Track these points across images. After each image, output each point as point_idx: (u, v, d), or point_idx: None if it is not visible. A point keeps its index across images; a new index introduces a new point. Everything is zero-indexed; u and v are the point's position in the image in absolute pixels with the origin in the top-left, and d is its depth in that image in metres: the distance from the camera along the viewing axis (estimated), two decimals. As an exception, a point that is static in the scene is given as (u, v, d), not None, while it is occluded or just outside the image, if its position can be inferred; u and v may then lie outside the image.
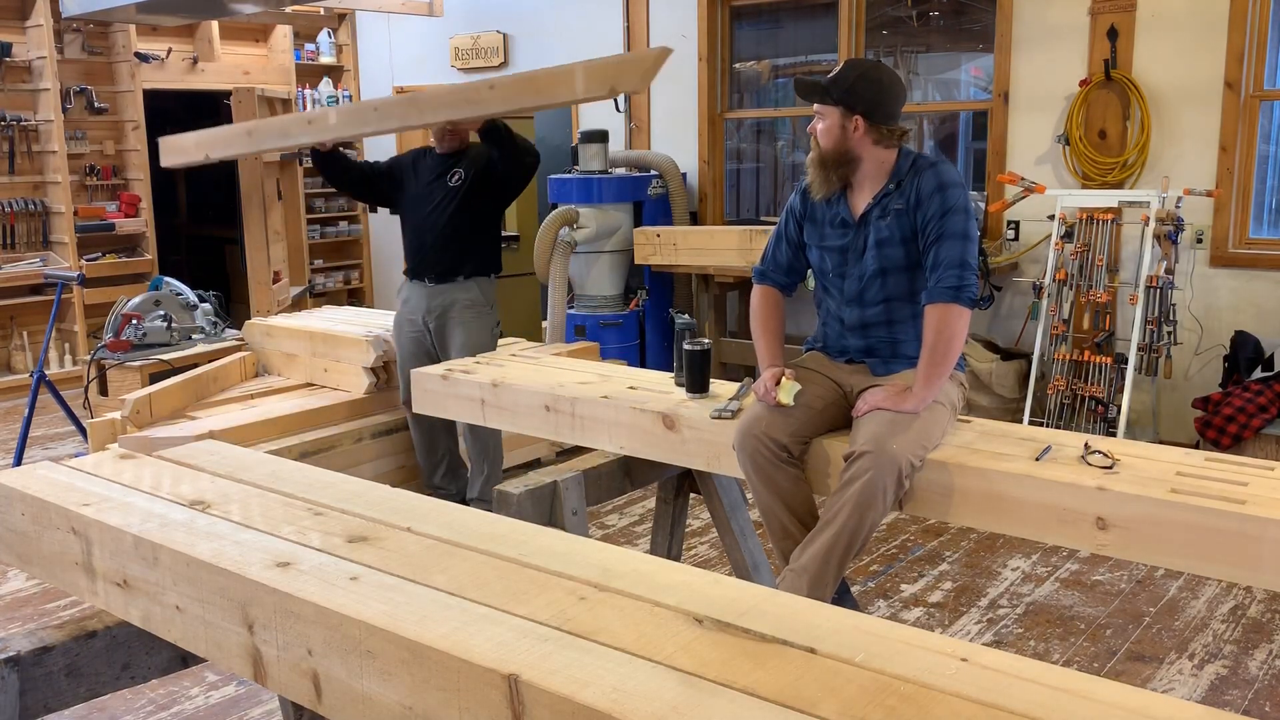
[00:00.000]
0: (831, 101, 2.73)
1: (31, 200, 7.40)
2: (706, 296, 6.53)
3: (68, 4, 6.52)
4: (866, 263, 2.76)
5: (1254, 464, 2.44)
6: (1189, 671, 3.33)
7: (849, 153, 2.74)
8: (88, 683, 2.07)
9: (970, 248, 2.65)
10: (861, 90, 2.71)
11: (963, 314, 2.62)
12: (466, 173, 4.19)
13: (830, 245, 2.83)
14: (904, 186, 2.72)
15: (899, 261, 2.73)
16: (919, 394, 2.59)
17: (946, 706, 1.35)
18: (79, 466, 2.40)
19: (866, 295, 2.77)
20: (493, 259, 4.31)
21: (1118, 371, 5.15)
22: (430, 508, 2.09)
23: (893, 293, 2.75)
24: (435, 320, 4.22)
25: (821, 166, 2.77)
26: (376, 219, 9.17)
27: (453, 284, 4.21)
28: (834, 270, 2.83)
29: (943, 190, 2.66)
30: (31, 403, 5.23)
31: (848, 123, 2.72)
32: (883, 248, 2.73)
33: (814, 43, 7.00)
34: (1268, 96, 5.19)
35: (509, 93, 3.16)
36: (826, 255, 2.85)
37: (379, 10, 7.90)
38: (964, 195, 2.69)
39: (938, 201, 2.65)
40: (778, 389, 2.68)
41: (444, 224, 4.19)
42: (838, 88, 2.73)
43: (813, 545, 2.55)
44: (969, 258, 2.64)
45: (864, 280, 2.77)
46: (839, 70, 2.76)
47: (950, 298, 2.61)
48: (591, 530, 4.25)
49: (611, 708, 1.34)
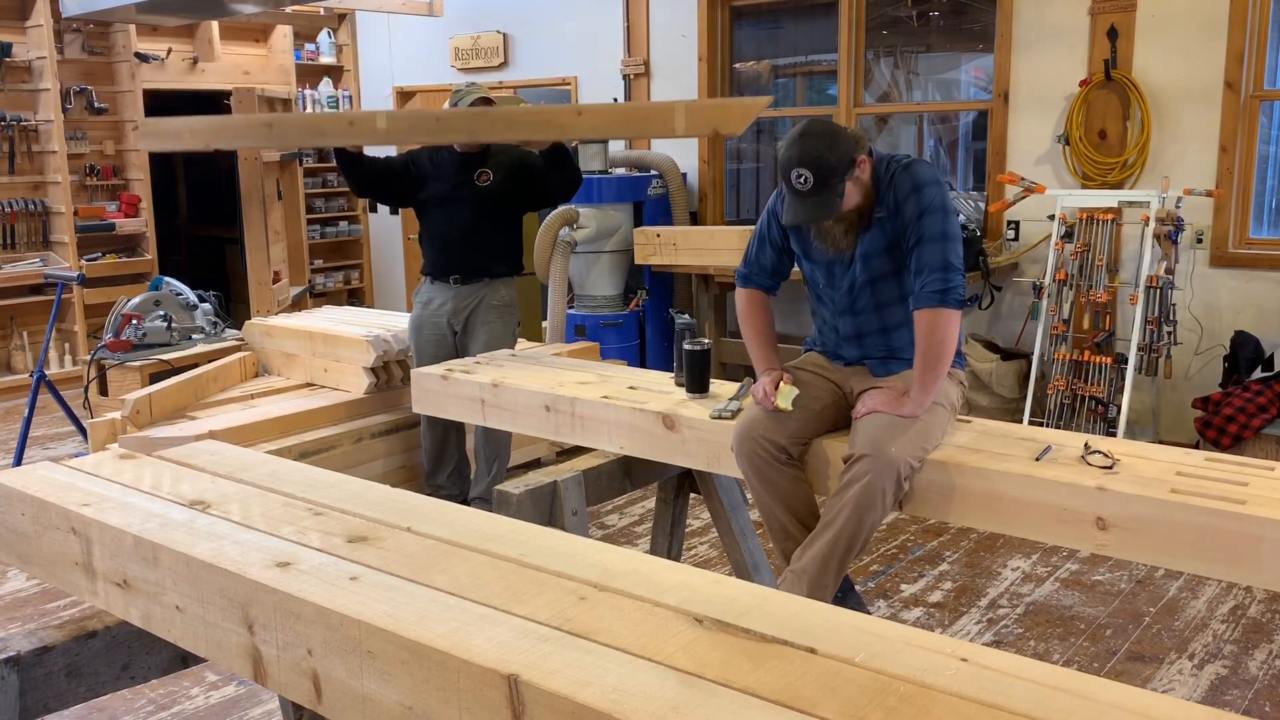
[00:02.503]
0: (840, 191, 2.59)
1: (31, 200, 7.40)
2: (706, 296, 6.53)
3: (68, 4, 6.52)
4: (855, 273, 2.73)
5: (1254, 464, 2.44)
6: (1189, 671, 3.33)
7: (868, 192, 2.66)
8: (88, 683, 2.07)
9: (952, 246, 2.58)
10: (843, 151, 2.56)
11: (952, 316, 2.57)
12: (496, 175, 4.18)
13: (817, 259, 2.81)
14: (882, 194, 2.66)
15: (886, 269, 2.70)
16: (916, 398, 2.57)
17: (946, 706, 1.35)
18: (79, 466, 2.39)
19: (858, 305, 2.76)
20: (518, 259, 4.35)
21: (1118, 371, 5.15)
22: (430, 508, 2.09)
23: (884, 299, 2.73)
24: (463, 321, 4.23)
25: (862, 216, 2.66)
26: (376, 219, 9.17)
27: (480, 284, 4.22)
28: (824, 282, 2.82)
29: (917, 191, 2.59)
30: (31, 403, 5.23)
31: (857, 175, 2.61)
32: (870, 258, 2.70)
33: (814, 43, 7.01)
34: (1268, 96, 5.19)
35: (599, 121, 3.06)
36: (815, 268, 2.83)
37: (379, 10, 7.90)
38: (940, 193, 2.61)
39: (914, 204, 2.59)
40: (776, 394, 2.68)
41: (472, 224, 4.18)
42: (833, 175, 2.56)
43: (812, 547, 2.55)
44: (952, 258, 2.57)
45: (854, 291, 2.74)
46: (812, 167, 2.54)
47: (936, 302, 2.55)
48: (591, 530, 4.24)
49: (611, 708, 1.34)
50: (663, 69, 7.16)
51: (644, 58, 7.19)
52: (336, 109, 8.93)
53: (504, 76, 7.96)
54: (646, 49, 7.19)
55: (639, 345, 6.61)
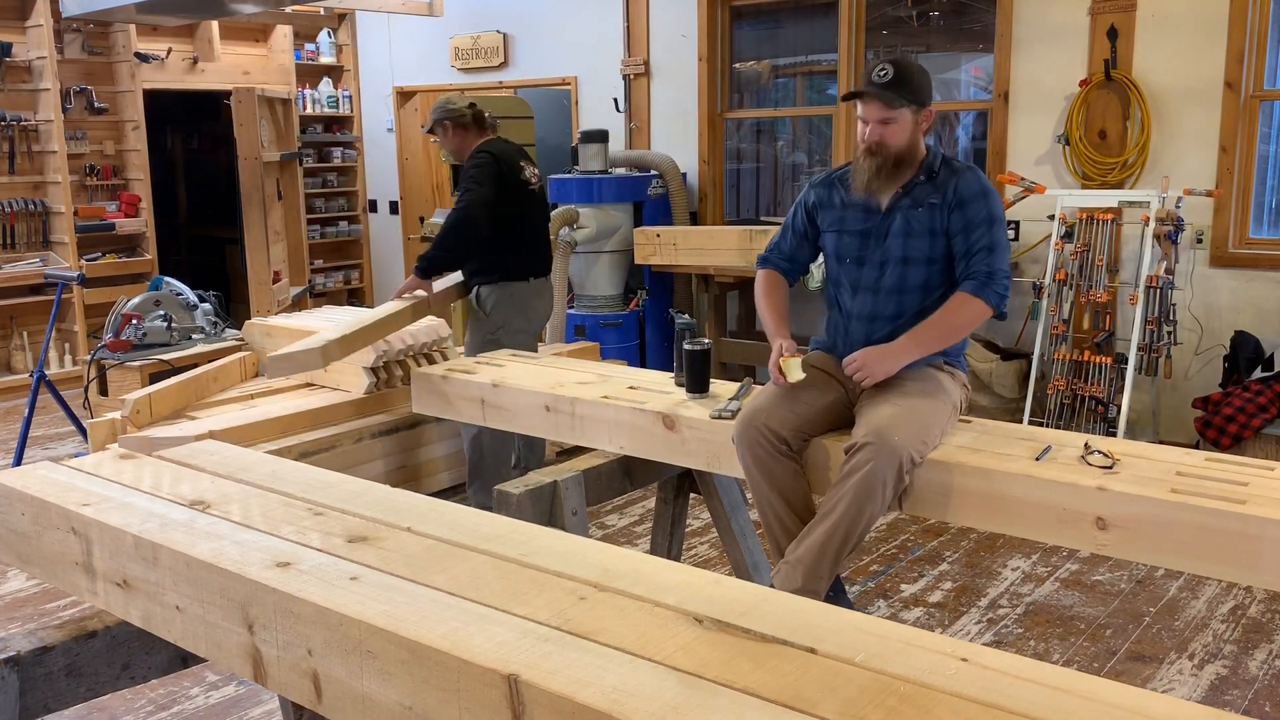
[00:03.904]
0: (905, 102, 2.73)
1: (31, 200, 7.40)
2: (706, 296, 6.53)
3: (68, 4, 6.52)
4: (890, 248, 2.79)
5: (1254, 464, 2.44)
6: (1189, 671, 3.33)
7: (915, 148, 2.79)
8: (88, 683, 2.07)
9: (1007, 256, 2.81)
10: (923, 84, 2.78)
11: (984, 311, 2.73)
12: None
13: (851, 229, 2.85)
14: (938, 181, 2.77)
15: (923, 253, 2.76)
16: (902, 344, 2.69)
17: (946, 706, 1.35)
18: (79, 466, 2.40)
19: (883, 282, 2.79)
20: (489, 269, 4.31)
21: (1118, 371, 5.15)
22: (430, 508, 2.09)
23: (909, 284, 2.78)
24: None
25: (896, 166, 2.76)
26: (376, 219, 9.18)
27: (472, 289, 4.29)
28: (853, 255, 2.85)
29: (986, 197, 2.76)
30: (31, 403, 5.23)
31: (919, 118, 2.77)
32: (910, 236, 2.77)
33: (814, 43, 7.00)
34: (1268, 96, 5.19)
35: None
36: (846, 239, 2.87)
37: (379, 10, 7.90)
38: (1000, 204, 2.81)
39: (985, 209, 2.74)
40: (785, 369, 2.71)
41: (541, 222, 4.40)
42: (908, 87, 2.74)
43: (809, 537, 2.55)
44: (1006, 266, 2.78)
45: (885, 267, 2.79)
46: (897, 69, 2.74)
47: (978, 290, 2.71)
48: (591, 530, 4.24)
49: (611, 708, 1.34)
50: (663, 69, 7.16)
51: (644, 58, 7.19)
52: (336, 109, 8.94)
53: (504, 76, 7.96)
54: (646, 49, 7.19)
55: (639, 345, 6.62)
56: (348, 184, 9.16)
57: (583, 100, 7.57)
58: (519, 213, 4.19)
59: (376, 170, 9.08)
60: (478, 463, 4.13)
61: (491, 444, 4.07)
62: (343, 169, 9.10)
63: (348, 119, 9.06)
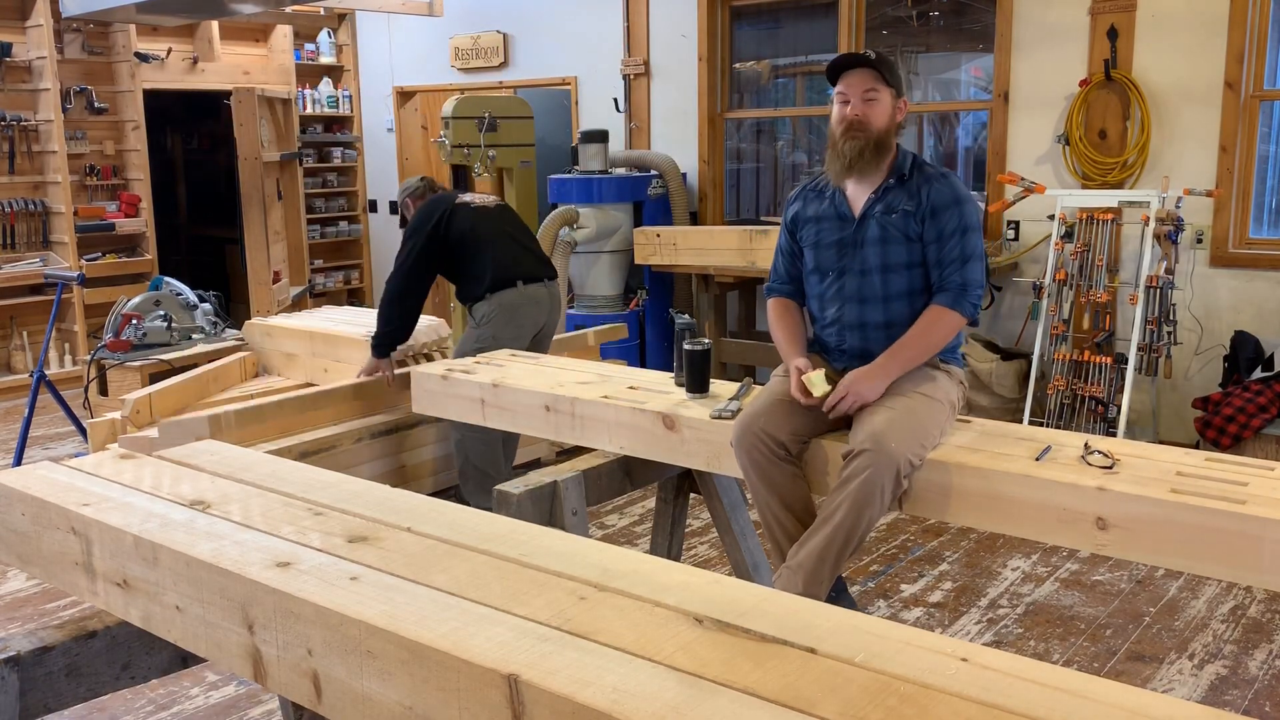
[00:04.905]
0: (885, 82, 2.72)
1: (31, 200, 7.40)
2: (706, 296, 6.53)
3: (68, 4, 6.52)
4: (867, 257, 2.75)
5: (1254, 464, 2.44)
6: (1189, 671, 3.33)
7: (891, 137, 2.75)
8: (88, 683, 2.07)
9: (982, 265, 2.76)
10: (899, 74, 2.75)
11: (960, 323, 2.73)
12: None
13: (827, 240, 2.82)
14: (910, 187, 2.72)
15: (901, 259, 2.73)
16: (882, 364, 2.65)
17: (946, 706, 1.35)
18: (79, 466, 2.39)
19: (866, 291, 2.77)
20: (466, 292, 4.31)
21: (1118, 371, 5.15)
22: (430, 508, 2.09)
23: (893, 291, 2.75)
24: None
25: (876, 150, 2.70)
26: (376, 219, 9.18)
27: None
28: (833, 267, 2.81)
29: (959, 205, 2.71)
30: (31, 403, 5.23)
31: (896, 106, 2.74)
32: (887, 244, 2.73)
33: (814, 43, 7.00)
34: (1268, 96, 5.19)
35: None
36: (823, 251, 2.83)
37: (379, 10, 7.90)
38: (976, 212, 2.76)
39: (957, 217, 2.69)
40: (809, 385, 2.65)
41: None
42: (892, 72, 2.72)
43: (809, 542, 2.55)
44: (980, 275, 2.74)
45: (864, 275, 2.76)
46: (879, 54, 2.75)
47: (968, 312, 2.70)
48: (591, 530, 4.24)
49: (611, 708, 1.34)
50: (663, 69, 7.16)
51: (644, 58, 7.19)
52: (336, 109, 8.94)
53: (504, 76, 7.96)
54: (646, 49, 7.19)
55: (639, 345, 6.61)
56: (348, 184, 9.16)
57: (583, 100, 7.58)
58: (474, 235, 4.15)
59: (376, 170, 9.08)
60: (463, 466, 4.13)
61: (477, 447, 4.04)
62: (343, 169, 9.11)
63: (348, 119, 9.06)
